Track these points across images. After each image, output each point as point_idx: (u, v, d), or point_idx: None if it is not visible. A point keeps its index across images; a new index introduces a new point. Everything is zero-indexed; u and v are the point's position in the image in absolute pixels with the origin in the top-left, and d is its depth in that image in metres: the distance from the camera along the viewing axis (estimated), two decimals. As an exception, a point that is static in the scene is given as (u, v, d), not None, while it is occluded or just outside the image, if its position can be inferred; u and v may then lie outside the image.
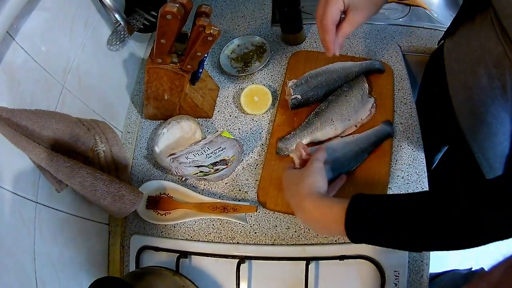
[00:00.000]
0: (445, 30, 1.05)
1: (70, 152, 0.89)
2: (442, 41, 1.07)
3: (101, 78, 1.08)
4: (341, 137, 1.03)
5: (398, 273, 0.89)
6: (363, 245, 0.86)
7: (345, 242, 0.94)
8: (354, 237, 0.67)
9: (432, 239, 0.63)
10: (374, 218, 0.65)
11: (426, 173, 1.00)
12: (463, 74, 0.94)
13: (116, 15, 1.02)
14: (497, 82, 0.83)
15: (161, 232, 1.04)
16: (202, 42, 0.88)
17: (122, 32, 1.08)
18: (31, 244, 0.79)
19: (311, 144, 1.02)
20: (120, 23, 1.05)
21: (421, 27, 1.26)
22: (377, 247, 0.84)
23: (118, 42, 1.09)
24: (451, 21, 1.01)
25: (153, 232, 1.04)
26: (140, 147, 1.17)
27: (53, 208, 0.87)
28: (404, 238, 0.65)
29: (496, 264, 0.53)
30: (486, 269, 1.23)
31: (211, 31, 0.85)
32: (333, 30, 0.81)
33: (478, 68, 0.87)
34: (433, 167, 1.45)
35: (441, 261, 1.88)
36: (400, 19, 1.31)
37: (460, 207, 0.61)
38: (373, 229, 0.66)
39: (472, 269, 1.28)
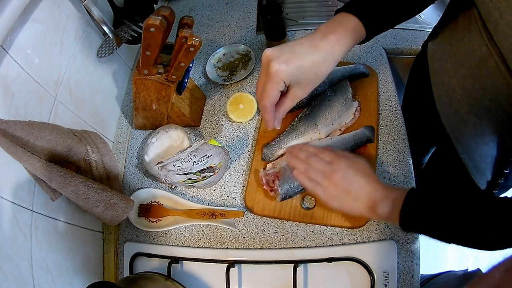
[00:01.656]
0: (431, 30, 1.08)
1: (63, 162, 0.96)
2: (427, 43, 1.11)
3: (92, 89, 1.15)
4: (319, 139, 1.07)
5: (388, 274, 0.92)
6: (350, 247, 0.97)
7: (332, 245, 0.99)
8: (407, 227, 0.77)
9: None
10: (427, 214, 0.75)
11: (413, 174, 1.04)
12: (446, 75, 0.97)
13: (105, 27, 1.10)
14: (481, 83, 0.85)
15: (153, 239, 1.10)
16: (185, 53, 0.94)
17: (111, 44, 1.14)
18: (28, 250, 0.85)
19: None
20: (109, 35, 1.12)
21: (407, 29, 1.31)
22: (364, 249, 0.93)
23: (107, 54, 1.14)
24: (435, 24, 1.04)
25: (145, 239, 1.10)
26: (131, 157, 1.23)
27: (48, 216, 0.93)
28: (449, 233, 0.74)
29: (496, 264, 0.56)
30: (482, 270, 1.27)
31: (193, 42, 0.90)
32: (272, 109, 0.84)
33: (461, 69, 0.89)
34: (421, 168, 1.49)
35: (438, 262, 1.93)
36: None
37: None
38: (425, 222, 0.75)
39: (468, 270, 1.31)
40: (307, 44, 0.78)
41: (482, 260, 1.92)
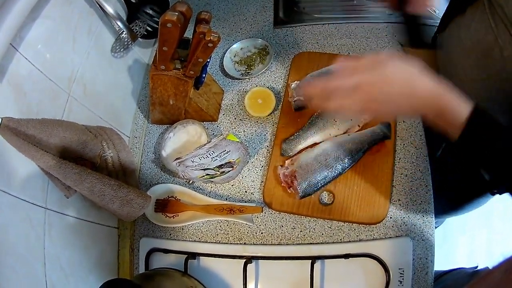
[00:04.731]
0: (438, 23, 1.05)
1: (78, 159, 0.90)
2: (436, 36, 1.07)
3: (107, 85, 1.08)
4: (335, 136, 1.02)
5: (403, 271, 0.88)
6: (367, 243, 0.93)
7: (349, 241, 0.94)
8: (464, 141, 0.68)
9: None
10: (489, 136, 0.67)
11: (429, 170, 0.99)
12: (454, 67, 0.94)
13: (119, 23, 1.02)
14: (487, 72, 0.82)
15: (170, 234, 1.04)
16: (203, 48, 0.87)
17: (126, 39, 1.08)
18: (41, 249, 0.80)
19: (313, 145, 1.01)
20: (123, 31, 1.05)
21: (422, 24, 1.22)
22: (380, 245, 0.91)
23: (122, 49, 1.08)
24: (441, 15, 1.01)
25: (161, 235, 1.04)
26: (148, 152, 1.17)
27: (62, 214, 0.87)
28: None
29: (496, 265, 0.55)
30: (491, 268, 1.20)
31: (211, 38, 0.84)
32: None
33: (468, 60, 0.87)
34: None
35: (450, 258, 1.88)
36: (401, 17, 1.29)
37: None
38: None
39: (477, 268, 1.25)
40: None
41: (494, 256, 1.87)
